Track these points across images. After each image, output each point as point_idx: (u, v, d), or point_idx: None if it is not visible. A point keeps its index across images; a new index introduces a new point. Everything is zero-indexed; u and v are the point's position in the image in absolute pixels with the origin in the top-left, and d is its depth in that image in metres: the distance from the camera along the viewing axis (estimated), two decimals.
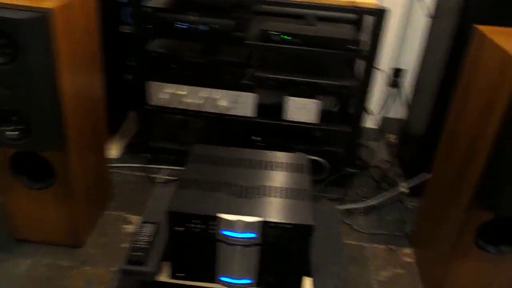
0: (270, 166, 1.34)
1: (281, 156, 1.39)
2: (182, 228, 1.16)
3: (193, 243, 1.18)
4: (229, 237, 1.15)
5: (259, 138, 1.81)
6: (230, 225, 1.13)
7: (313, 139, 1.85)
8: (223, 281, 1.23)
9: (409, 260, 1.54)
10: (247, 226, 1.13)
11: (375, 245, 1.59)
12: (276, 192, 1.23)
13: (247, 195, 1.21)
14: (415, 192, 1.80)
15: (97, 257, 1.46)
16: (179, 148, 1.90)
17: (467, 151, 1.24)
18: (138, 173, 1.88)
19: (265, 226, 1.13)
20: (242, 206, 1.17)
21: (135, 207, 1.68)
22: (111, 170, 1.84)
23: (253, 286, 1.23)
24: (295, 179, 1.29)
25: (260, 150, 1.42)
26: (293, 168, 1.34)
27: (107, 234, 1.56)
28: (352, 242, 1.60)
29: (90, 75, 1.44)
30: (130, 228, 1.59)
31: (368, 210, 1.76)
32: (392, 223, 1.70)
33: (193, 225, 1.15)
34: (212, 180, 1.25)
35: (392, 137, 2.24)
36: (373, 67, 1.59)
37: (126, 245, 1.50)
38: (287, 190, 1.24)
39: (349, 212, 1.74)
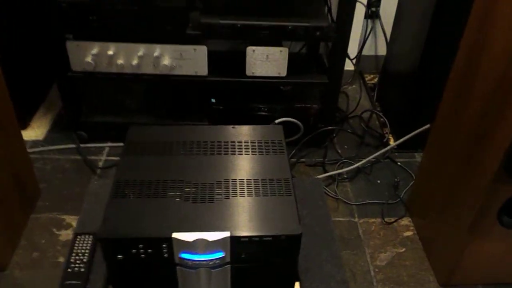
0: (234, 148, 1.02)
1: (248, 132, 1.06)
2: (123, 256, 0.85)
3: (141, 270, 0.88)
4: (188, 260, 0.85)
5: (213, 100, 1.47)
6: (188, 246, 0.83)
7: (281, 95, 1.52)
8: None
9: (409, 233, 1.30)
10: (211, 245, 0.83)
11: (368, 220, 1.34)
12: (246, 187, 0.92)
13: (206, 198, 0.89)
14: (404, 145, 1.53)
15: (26, 281, 1.15)
16: (119, 120, 1.54)
17: (492, 98, 0.95)
18: (72, 156, 1.52)
19: (235, 242, 0.83)
20: (201, 216, 0.85)
21: (71, 204, 1.35)
22: (35, 156, 1.48)
23: None
24: (270, 165, 0.98)
25: (219, 126, 1.09)
26: (266, 147, 1.02)
27: (37, 246, 1.23)
28: (341, 219, 1.34)
29: None
30: (66, 233, 1.27)
31: (354, 174, 1.48)
32: (383, 188, 1.44)
33: (139, 251, 0.84)
34: (157, 180, 0.93)
35: (370, 78, 1.93)
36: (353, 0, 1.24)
37: (63, 258, 1.18)
38: (260, 183, 0.93)
39: (332, 178, 1.46)
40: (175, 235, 0.81)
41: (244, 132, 1.07)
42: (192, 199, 0.89)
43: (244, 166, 0.97)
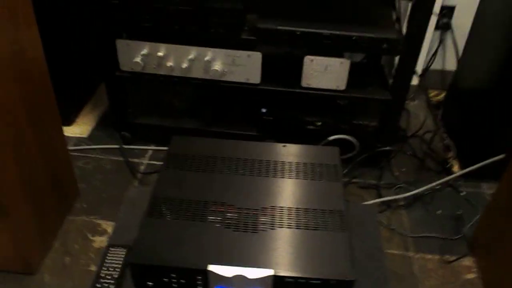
0: (284, 169, 0.92)
1: (300, 152, 0.96)
2: (154, 284, 0.77)
3: None
4: None
5: (264, 110, 1.37)
6: (225, 281, 0.74)
7: (337, 109, 1.40)
8: None
9: (471, 276, 1.15)
10: (251, 283, 0.73)
11: (424, 255, 1.20)
12: (295, 218, 0.82)
13: (249, 226, 0.80)
14: (469, 172, 1.37)
15: (55, 287, 1.10)
16: (165, 124, 1.48)
17: None
18: (114, 157, 1.47)
19: (278, 282, 0.73)
20: (242, 249, 0.76)
21: (108, 208, 1.30)
22: (77, 154, 1.45)
23: None
24: (323, 193, 0.87)
25: (268, 144, 0.99)
26: (319, 172, 0.92)
27: (69, 251, 1.18)
28: (394, 251, 1.21)
29: (9, 30, 0.96)
30: (100, 240, 1.22)
31: (412, 201, 1.35)
32: (444, 221, 1.30)
33: (171, 280, 0.76)
34: (197, 200, 0.84)
35: (434, 94, 1.78)
36: (429, 10, 1.11)
37: (95, 267, 1.12)
38: (310, 213, 0.83)
39: (387, 205, 1.33)
40: (212, 268, 0.73)
41: (295, 152, 0.97)
42: (234, 227, 0.80)
43: (293, 192, 0.87)
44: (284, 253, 0.76)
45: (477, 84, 1.43)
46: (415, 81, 1.71)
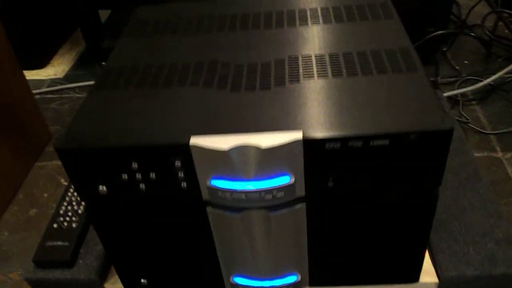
0: (305, 16, 0.59)
1: None
2: (107, 189, 0.46)
3: (141, 217, 0.49)
4: (223, 191, 0.44)
5: None
6: (222, 163, 0.42)
7: None
8: (238, 284, 0.54)
9: None
10: (266, 160, 0.41)
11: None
12: (329, 65, 0.49)
13: (257, 83, 0.48)
14: None
15: (15, 245, 0.81)
16: None
17: None
18: None
19: (314, 152, 0.41)
20: (245, 111, 0.44)
21: None
22: (52, 96, 1.18)
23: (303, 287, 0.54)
24: (370, 33, 0.54)
25: None
26: (360, 12, 0.59)
27: (36, 201, 0.89)
28: (476, 154, 0.87)
29: None
30: None
31: (484, 94, 1.01)
32: None
33: (132, 175, 0.45)
34: (173, 63, 0.53)
35: None
36: None
37: None
38: (355, 56, 0.50)
39: (455, 101, 0.99)
40: (196, 140, 0.41)
41: None
42: (232, 86, 0.48)
43: (322, 37, 0.55)
44: (319, 108, 0.43)
45: None
46: None
